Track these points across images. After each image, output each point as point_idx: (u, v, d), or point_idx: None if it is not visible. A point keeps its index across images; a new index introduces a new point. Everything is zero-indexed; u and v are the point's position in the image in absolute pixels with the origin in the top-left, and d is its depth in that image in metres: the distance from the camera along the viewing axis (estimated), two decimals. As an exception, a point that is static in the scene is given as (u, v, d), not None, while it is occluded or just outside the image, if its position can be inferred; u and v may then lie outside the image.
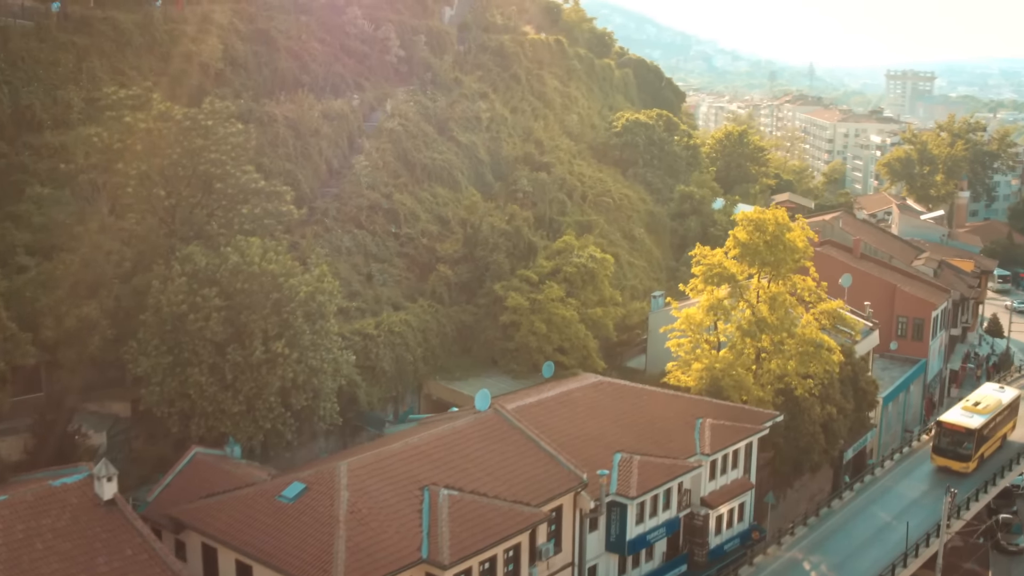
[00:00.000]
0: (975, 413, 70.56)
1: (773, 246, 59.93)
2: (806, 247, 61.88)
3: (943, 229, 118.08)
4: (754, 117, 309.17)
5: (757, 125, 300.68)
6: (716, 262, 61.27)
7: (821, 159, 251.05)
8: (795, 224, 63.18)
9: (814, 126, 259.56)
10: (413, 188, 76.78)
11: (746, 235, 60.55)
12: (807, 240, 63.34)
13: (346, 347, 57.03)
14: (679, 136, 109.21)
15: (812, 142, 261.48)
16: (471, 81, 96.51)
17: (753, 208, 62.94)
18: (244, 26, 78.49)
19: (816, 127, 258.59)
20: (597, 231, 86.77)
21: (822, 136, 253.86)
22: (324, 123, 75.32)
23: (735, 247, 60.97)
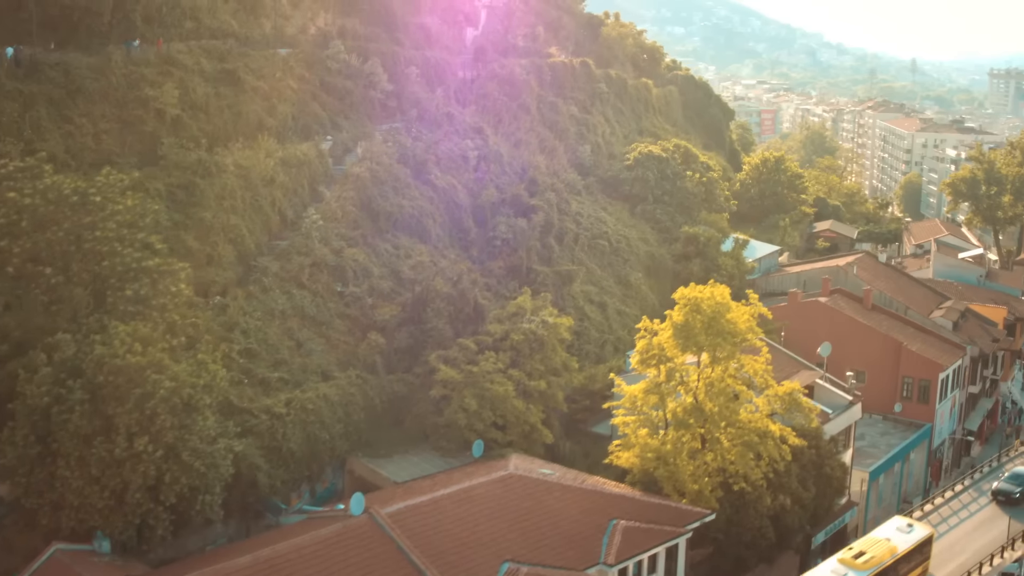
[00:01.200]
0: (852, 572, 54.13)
1: (710, 328, 55.37)
2: (750, 328, 57.07)
3: (980, 270, 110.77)
4: (837, 122, 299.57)
5: (838, 131, 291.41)
6: (656, 343, 56.91)
7: (899, 170, 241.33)
8: (740, 304, 58.30)
9: (893, 135, 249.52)
10: (373, 240, 73.77)
11: (682, 316, 56.09)
12: (753, 319, 58.49)
13: (247, 430, 54.56)
14: (692, 171, 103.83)
15: (891, 151, 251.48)
16: (466, 114, 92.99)
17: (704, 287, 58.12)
18: (211, 65, 76.41)
19: (895, 136, 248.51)
20: (580, 280, 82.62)
21: (900, 146, 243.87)
22: (282, 170, 72.63)
23: (670, 329, 56.54)
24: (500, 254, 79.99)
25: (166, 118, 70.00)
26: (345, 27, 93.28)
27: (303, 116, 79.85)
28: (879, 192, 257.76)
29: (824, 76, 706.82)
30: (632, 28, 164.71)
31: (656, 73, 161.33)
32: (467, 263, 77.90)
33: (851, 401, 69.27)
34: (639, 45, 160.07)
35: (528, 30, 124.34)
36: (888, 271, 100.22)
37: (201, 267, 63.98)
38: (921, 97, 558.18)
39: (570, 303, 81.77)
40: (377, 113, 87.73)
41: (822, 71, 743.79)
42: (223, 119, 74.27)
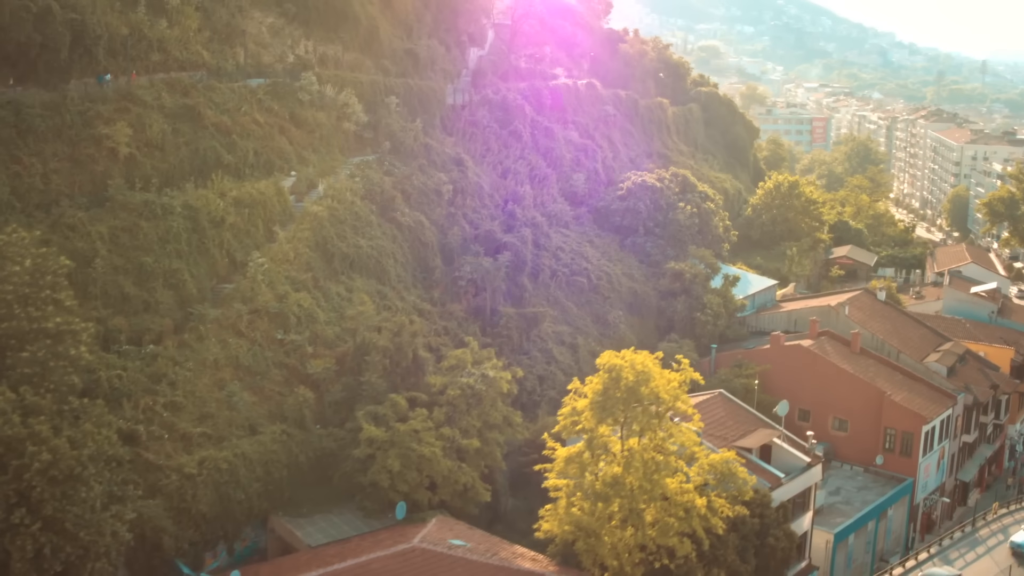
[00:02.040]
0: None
1: (629, 399, 52.81)
2: (675, 397, 54.31)
3: (992, 306, 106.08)
4: (891, 130, 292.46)
5: (892, 140, 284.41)
6: (579, 408, 54.57)
7: (948, 182, 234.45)
8: (668, 371, 55.55)
9: (942, 146, 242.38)
10: (325, 282, 72.15)
11: (600, 386, 53.61)
12: (684, 385, 55.77)
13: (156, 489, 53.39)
14: (684, 203, 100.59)
15: (940, 163, 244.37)
16: (449, 144, 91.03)
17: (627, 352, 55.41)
18: (173, 101, 75.34)
19: (944, 147, 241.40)
20: (552, 319, 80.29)
21: (949, 158, 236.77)
22: (234, 210, 71.22)
23: (587, 399, 54.10)
24: (464, 295, 78.00)
25: (119, 157, 69.00)
26: (327, 55, 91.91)
27: (266, 151, 78.26)
28: (929, 204, 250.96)
29: (894, 77, 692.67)
30: (656, 43, 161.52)
31: (681, 88, 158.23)
32: (427, 305, 76.06)
33: (809, 463, 66.13)
34: (663, 60, 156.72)
35: (535, 50, 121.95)
36: (886, 310, 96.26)
37: (137, 314, 63.12)
38: (991, 100, 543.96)
39: (537, 345, 79.53)
40: (351, 145, 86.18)
41: (892, 72, 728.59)
42: (179, 157, 73.08)
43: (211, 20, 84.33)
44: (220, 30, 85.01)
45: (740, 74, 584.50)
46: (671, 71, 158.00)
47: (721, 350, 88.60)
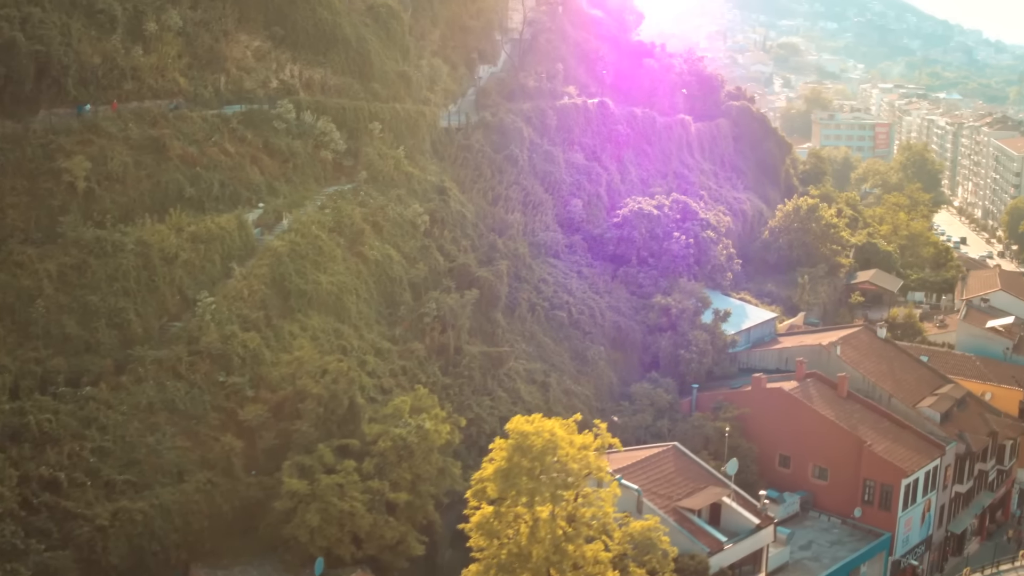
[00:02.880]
0: None
1: (534, 469, 50.83)
2: (584, 467, 52.17)
3: (1007, 342, 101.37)
4: (957, 137, 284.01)
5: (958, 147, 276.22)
6: (485, 475, 52.81)
7: (1008, 193, 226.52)
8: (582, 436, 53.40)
9: (1004, 155, 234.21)
10: (278, 321, 70.98)
11: (505, 457, 51.69)
12: (601, 450, 53.66)
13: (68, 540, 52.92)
14: (681, 232, 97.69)
15: (1001, 173, 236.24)
16: (429, 172, 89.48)
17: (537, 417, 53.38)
18: (140, 131, 74.93)
19: (1005, 156, 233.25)
20: (527, 357, 78.46)
21: (1010, 168, 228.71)
22: (190, 246, 70.43)
23: (491, 470, 52.24)
24: (429, 332, 76.38)
25: (77, 191, 68.80)
26: (313, 79, 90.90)
27: (234, 183, 77.34)
28: (991, 215, 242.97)
29: (978, 76, 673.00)
30: (689, 55, 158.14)
31: (714, 102, 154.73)
32: (387, 344, 74.74)
33: (759, 525, 63.47)
34: (695, 74, 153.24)
35: (548, 66, 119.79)
36: (884, 349, 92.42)
37: (78, 354, 62.78)
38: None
39: (504, 384, 77.81)
40: (328, 174, 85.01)
41: (977, 70, 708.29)
42: (140, 190, 72.62)
43: (193, 46, 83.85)
44: (201, 56, 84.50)
45: (819, 72, 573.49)
46: (704, 85, 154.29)
47: (706, 389, 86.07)
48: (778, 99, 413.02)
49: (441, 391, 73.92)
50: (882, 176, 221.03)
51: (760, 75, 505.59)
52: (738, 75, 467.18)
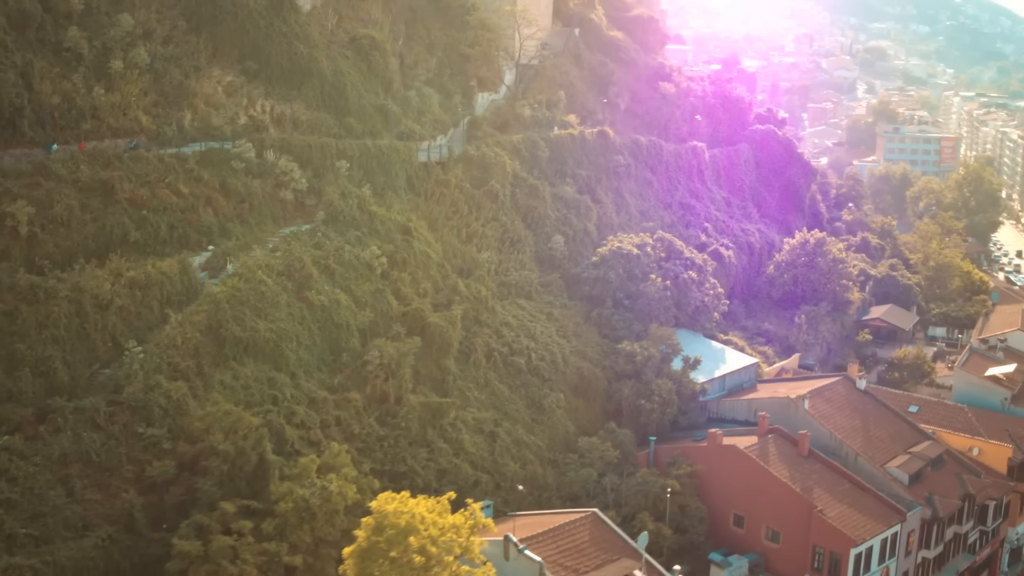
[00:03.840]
0: None
1: (394, 553, 49.61)
2: (448, 550, 50.78)
3: (1005, 392, 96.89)
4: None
5: None
6: (345, 554, 51.79)
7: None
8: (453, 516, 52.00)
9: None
10: (210, 370, 70.62)
11: (365, 537, 50.56)
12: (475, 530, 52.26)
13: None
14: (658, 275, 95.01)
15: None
16: (395, 212, 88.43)
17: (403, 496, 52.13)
18: (91, 173, 75.33)
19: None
20: (452, 416, 76.95)
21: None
22: (127, 292, 70.44)
23: (348, 551, 51.16)
24: (371, 380, 75.54)
25: (20, 235, 69.32)
26: (284, 114, 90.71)
27: (183, 225, 77.24)
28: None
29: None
30: (717, 76, 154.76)
31: (744, 124, 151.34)
32: (324, 393, 73.97)
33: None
34: (722, 96, 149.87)
35: (551, 94, 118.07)
36: (862, 402, 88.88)
37: (0, 403, 63.17)
38: None
39: (446, 434, 76.55)
40: (289, 214, 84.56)
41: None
42: (84, 234, 72.88)
43: (160, 82, 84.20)
44: (168, 92, 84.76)
45: (904, 77, 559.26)
46: (730, 108, 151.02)
47: (670, 440, 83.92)
48: (859, 106, 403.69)
49: (375, 442, 73.24)
50: (936, 195, 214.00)
51: (843, 80, 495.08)
52: (820, 80, 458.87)
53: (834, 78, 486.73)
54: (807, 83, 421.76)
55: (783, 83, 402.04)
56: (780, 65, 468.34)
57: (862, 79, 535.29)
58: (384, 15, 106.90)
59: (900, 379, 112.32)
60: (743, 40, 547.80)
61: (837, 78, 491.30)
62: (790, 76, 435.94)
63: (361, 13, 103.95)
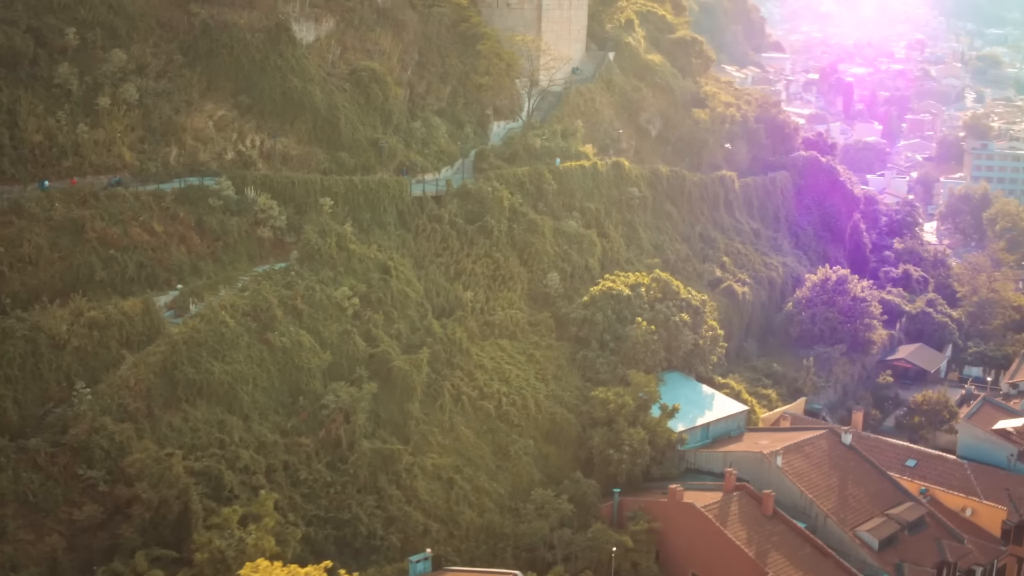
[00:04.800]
0: None
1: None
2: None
3: (1011, 448, 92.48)
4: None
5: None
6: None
7: None
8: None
9: None
10: (160, 412, 71.56)
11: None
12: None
13: None
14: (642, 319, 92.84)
15: None
16: (373, 250, 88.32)
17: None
18: (65, 212, 77.08)
19: None
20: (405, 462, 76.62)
21: None
22: (85, 332, 71.82)
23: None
24: (327, 424, 75.73)
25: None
26: (273, 149, 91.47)
27: (153, 264, 78.47)
28: None
29: None
30: (763, 99, 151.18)
31: (791, 148, 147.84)
32: (276, 436, 74.38)
33: None
34: (766, 120, 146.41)
35: (570, 123, 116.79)
36: (844, 458, 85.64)
37: (-51, 442, 65.08)
38: None
39: (404, 481, 76.34)
40: (267, 252, 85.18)
41: None
42: (51, 272, 74.81)
43: (148, 118, 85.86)
44: (156, 128, 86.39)
45: (1017, 86, 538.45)
46: (775, 132, 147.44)
47: (636, 493, 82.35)
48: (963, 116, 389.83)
49: (322, 488, 73.41)
50: (1012, 219, 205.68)
51: (951, 89, 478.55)
52: (926, 88, 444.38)
53: (942, 86, 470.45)
54: (910, 92, 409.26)
55: (884, 92, 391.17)
56: (887, 72, 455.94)
57: (972, 88, 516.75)
58: (394, 44, 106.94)
59: (919, 424, 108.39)
60: (853, 46, 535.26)
61: (945, 86, 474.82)
62: (895, 84, 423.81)
63: (368, 44, 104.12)
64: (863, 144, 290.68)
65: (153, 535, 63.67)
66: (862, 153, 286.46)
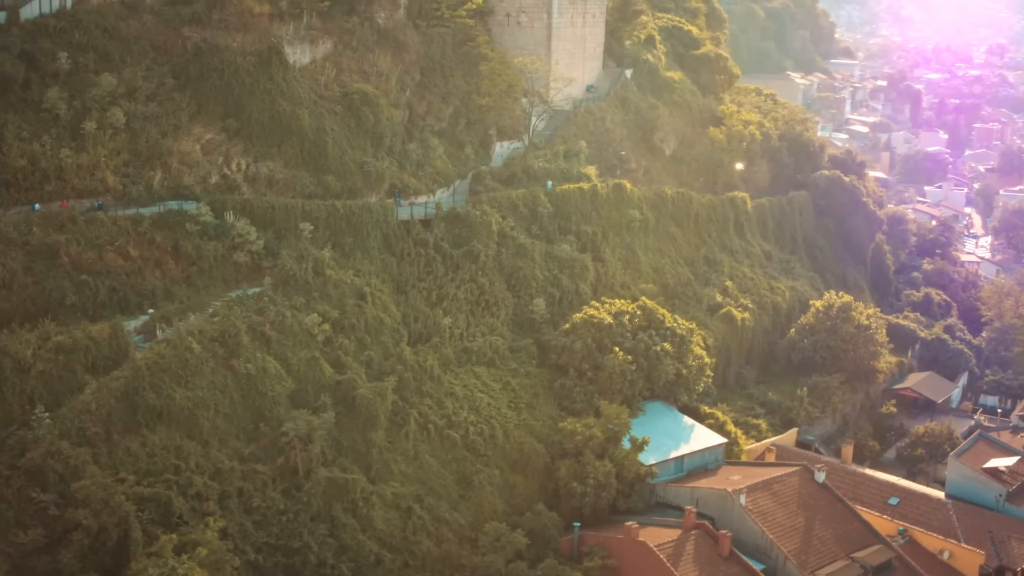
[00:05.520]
0: None
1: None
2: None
3: (1001, 488, 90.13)
4: None
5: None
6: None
7: None
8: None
9: None
10: (119, 437, 72.90)
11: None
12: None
13: None
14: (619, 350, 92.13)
15: None
16: (354, 274, 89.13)
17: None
18: (42, 236, 79.07)
19: None
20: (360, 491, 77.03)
21: None
22: (51, 356, 73.63)
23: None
24: (287, 452, 76.67)
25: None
26: (259, 172, 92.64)
27: (125, 288, 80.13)
28: None
29: None
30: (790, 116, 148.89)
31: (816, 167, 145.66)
32: (234, 463, 75.29)
33: None
34: (790, 138, 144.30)
35: (571, 144, 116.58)
36: (816, 497, 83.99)
37: (-93, 465, 67.29)
38: None
39: (360, 510, 76.95)
40: (243, 277, 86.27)
41: None
42: (23, 297, 76.78)
43: (135, 142, 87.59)
44: (141, 152, 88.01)
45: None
46: (799, 151, 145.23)
47: (597, 526, 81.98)
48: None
49: (274, 516, 74.19)
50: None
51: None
52: (1003, 95, 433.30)
53: (1019, 93, 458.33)
54: (984, 99, 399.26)
55: (954, 100, 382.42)
56: (963, 78, 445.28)
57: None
58: (394, 65, 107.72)
59: (920, 457, 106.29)
60: (931, 51, 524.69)
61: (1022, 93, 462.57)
62: (970, 90, 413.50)
63: (366, 65, 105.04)
64: (924, 154, 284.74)
65: (93, 561, 65.01)
66: (922, 163, 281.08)
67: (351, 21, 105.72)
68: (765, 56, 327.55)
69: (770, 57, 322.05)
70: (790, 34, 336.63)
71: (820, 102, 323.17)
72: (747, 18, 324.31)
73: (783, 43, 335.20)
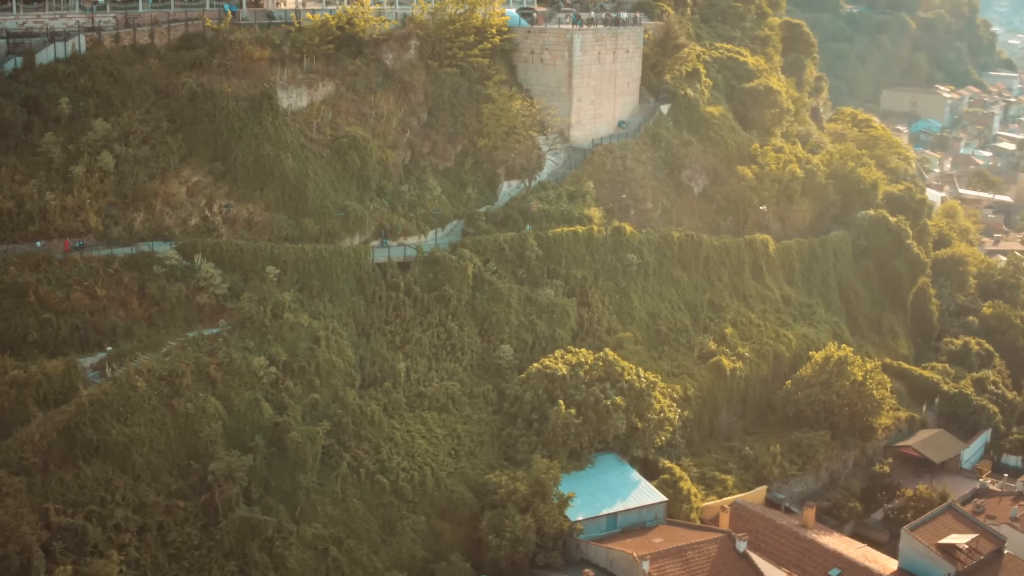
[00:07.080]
0: None
1: None
2: None
3: (949, 568, 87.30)
4: None
5: None
6: None
7: None
8: None
9: None
10: (57, 469, 78.47)
11: None
12: None
13: None
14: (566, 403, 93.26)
15: None
16: (312, 317, 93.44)
17: None
18: (16, 275, 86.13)
19: None
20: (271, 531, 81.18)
21: None
22: (4, 390, 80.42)
23: None
24: (215, 490, 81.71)
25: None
26: (239, 215, 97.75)
27: (87, 327, 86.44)
28: None
29: None
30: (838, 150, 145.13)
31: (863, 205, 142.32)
32: (159, 499, 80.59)
33: None
34: (835, 175, 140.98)
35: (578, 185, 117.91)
36: (733, 567, 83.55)
37: None
38: None
39: (276, 550, 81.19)
40: (206, 318, 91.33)
41: None
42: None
43: (122, 185, 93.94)
44: (127, 194, 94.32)
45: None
46: (850, 187, 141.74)
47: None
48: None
49: (188, 551, 79.25)
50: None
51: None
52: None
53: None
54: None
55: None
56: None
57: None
58: (397, 106, 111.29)
59: (906, 521, 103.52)
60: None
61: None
62: None
63: (365, 107, 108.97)
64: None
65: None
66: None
67: (355, 63, 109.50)
68: (913, 68, 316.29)
69: (919, 69, 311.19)
70: (944, 45, 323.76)
71: (968, 117, 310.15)
72: (896, 29, 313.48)
73: (936, 54, 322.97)
